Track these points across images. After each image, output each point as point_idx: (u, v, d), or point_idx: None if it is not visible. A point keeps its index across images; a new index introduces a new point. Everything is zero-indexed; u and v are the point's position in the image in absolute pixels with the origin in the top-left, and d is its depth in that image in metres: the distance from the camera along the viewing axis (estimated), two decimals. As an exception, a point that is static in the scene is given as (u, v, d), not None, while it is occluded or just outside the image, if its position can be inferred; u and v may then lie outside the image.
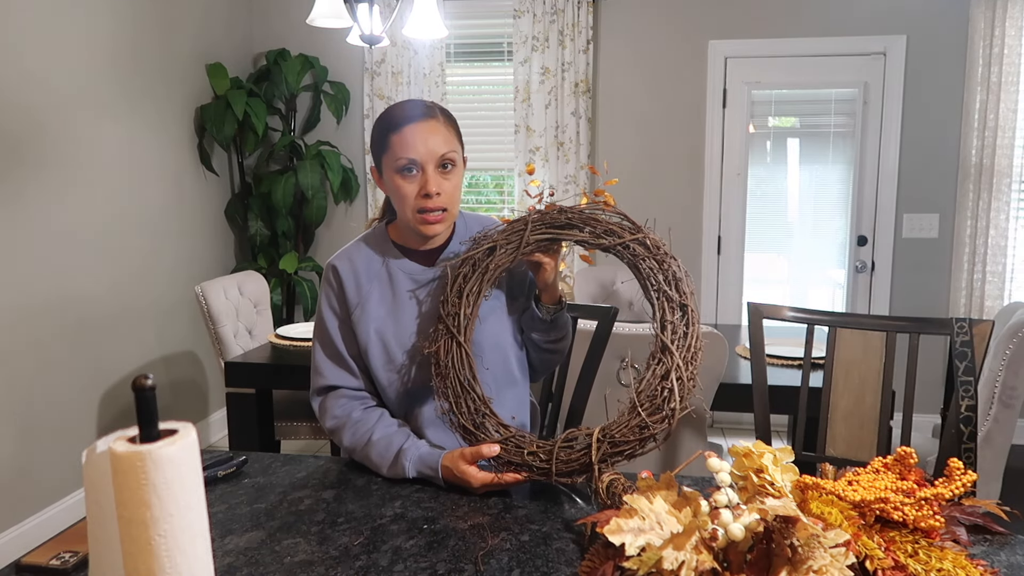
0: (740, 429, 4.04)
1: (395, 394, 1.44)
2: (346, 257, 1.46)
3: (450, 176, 1.37)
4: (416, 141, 1.34)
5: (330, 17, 2.64)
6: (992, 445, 2.17)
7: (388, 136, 1.36)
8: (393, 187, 1.37)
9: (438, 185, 1.35)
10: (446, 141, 1.36)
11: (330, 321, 1.45)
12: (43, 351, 2.79)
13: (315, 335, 1.48)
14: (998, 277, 3.67)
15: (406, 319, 1.43)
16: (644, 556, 0.85)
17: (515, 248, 1.34)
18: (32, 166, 2.73)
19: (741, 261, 3.99)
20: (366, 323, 1.42)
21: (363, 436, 1.36)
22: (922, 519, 0.94)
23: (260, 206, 3.98)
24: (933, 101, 3.72)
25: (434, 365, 1.33)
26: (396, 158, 1.35)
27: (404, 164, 1.34)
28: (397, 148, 1.35)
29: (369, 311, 1.43)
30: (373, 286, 1.44)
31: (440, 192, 1.35)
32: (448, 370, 1.31)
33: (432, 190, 1.34)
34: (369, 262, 1.45)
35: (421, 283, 1.44)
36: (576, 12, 3.82)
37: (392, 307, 1.43)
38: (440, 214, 1.37)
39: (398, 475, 1.29)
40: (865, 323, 1.77)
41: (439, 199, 1.35)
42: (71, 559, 0.99)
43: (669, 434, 1.14)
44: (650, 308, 1.22)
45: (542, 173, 3.96)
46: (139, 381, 0.64)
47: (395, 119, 1.36)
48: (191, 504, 0.66)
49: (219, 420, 3.97)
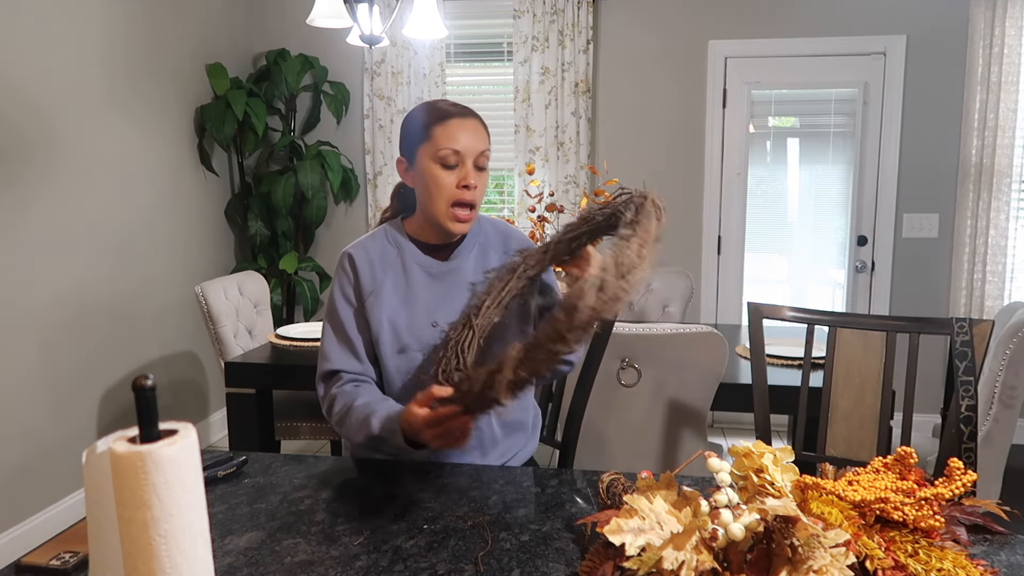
0: (740, 429, 4.04)
1: (403, 382, 1.47)
2: (362, 247, 1.51)
3: (482, 176, 1.44)
4: (461, 135, 1.40)
5: (330, 17, 2.64)
6: (992, 445, 2.17)
7: (431, 127, 1.41)
8: (430, 176, 1.42)
9: (474, 178, 1.41)
10: (485, 139, 1.44)
11: (342, 308, 1.48)
12: (43, 351, 2.79)
13: (326, 320, 1.51)
14: (998, 277, 3.67)
15: (418, 309, 1.46)
16: (644, 556, 0.85)
17: (543, 261, 1.39)
18: (32, 166, 2.73)
19: (741, 261, 3.99)
20: (379, 310, 1.46)
21: (347, 405, 1.40)
22: (922, 519, 0.94)
23: (260, 206, 3.98)
24: (933, 101, 3.72)
25: (442, 340, 1.37)
26: (439, 148, 1.40)
27: (448, 154, 1.39)
28: (441, 139, 1.40)
29: (382, 299, 1.46)
30: (387, 276, 1.48)
31: (476, 185, 1.42)
32: (451, 344, 1.34)
33: (472, 182, 1.40)
34: (384, 252, 1.50)
35: (435, 275, 1.48)
36: (576, 12, 3.82)
37: (405, 296, 1.47)
38: (470, 212, 1.43)
39: (369, 435, 1.33)
40: (865, 323, 1.77)
41: (474, 192, 1.42)
42: (71, 559, 0.99)
43: (580, 338, 1.02)
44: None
45: (542, 173, 3.96)
46: (139, 381, 0.65)
47: (440, 112, 1.42)
48: (191, 504, 0.66)
49: (219, 420, 3.97)
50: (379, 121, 4.08)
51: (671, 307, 3.26)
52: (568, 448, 1.72)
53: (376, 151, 4.12)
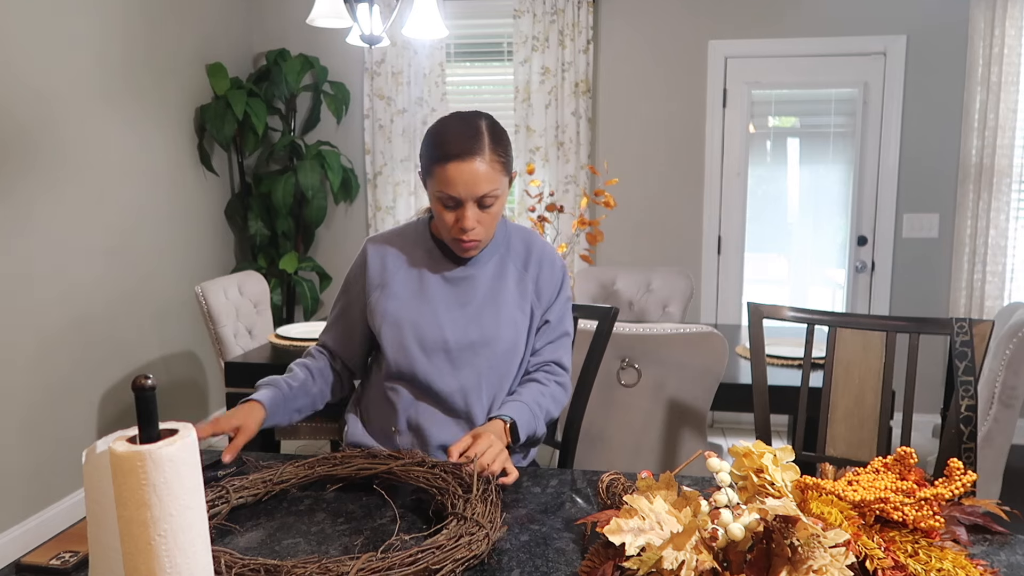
0: (740, 429, 4.04)
1: (403, 380, 1.48)
2: (383, 241, 1.54)
3: (489, 210, 1.41)
4: (458, 181, 1.36)
5: (330, 17, 2.64)
6: (992, 445, 2.17)
7: (433, 165, 1.38)
8: (434, 207, 1.43)
9: (476, 220, 1.39)
10: (489, 180, 1.38)
11: (345, 291, 1.56)
12: (43, 351, 2.79)
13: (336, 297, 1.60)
14: (998, 277, 3.67)
15: (426, 310, 1.47)
16: (644, 556, 0.85)
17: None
18: (32, 166, 2.73)
19: (741, 261, 3.99)
20: (383, 305, 1.48)
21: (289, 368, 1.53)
22: (922, 519, 0.94)
23: (260, 206, 3.98)
24: (933, 101, 3.72)
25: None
26: (438, 188, 1.38)
27: (445, 198, 1.38)
28: (439, 181, 1.37)
29: (389, 294, 1.49)
30: (399, 272, 1.50)
31: (476, 226, 1.40)
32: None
33: (468, 226, 1.39)
34: (402, 250, 1.52)
35: (449, 280, 1.49)
36: (576, 12, 3.82)
37: (416, 295, 1.48)
38: (473, 243, 1.42)
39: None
40: (865, 323, 1.77)
41: (473, 233, 1.40)
42: (71, 559, 0.99)
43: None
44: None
45: (542, 173, 3.96)
46: (139, 381, 0.65)
47: (443, 151, 1.37)
48: (191, 504, 0.66)
49: (219, 420, 3.97)
50: (379, 121, 4.08)
51: (671, 307, 3.26)
52: (568, 448, 1.72)
53: (376, 151, 4.12)
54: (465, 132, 1.37)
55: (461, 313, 1.47)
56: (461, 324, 1.46)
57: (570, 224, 3.69)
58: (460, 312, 1.47)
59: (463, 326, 1.46)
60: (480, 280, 1.49)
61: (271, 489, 1.20)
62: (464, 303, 1.48)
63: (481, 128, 1.38)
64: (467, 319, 1.47)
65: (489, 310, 1.47)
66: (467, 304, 1.48)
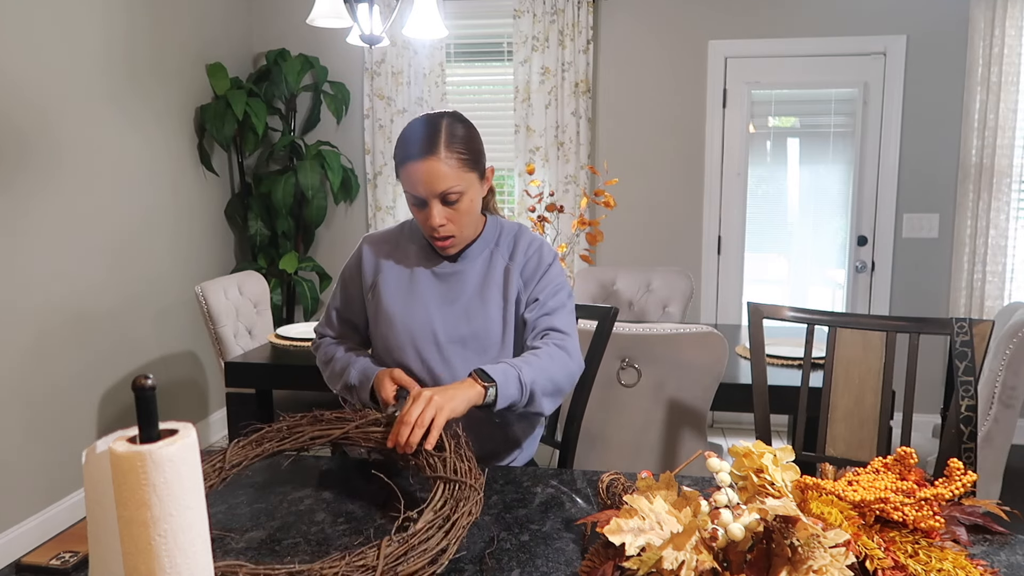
0: (740, 429, 4.04)
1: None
2: (378, 239, 1.58)
3: (457, 207, 1.41)
4: (416, 181, 1.39)
5: (330, 17, 2.64)
6: (992, 445, 2.17)
7: (398, 166, 1.43)
8: (409, 208, 1.49)
9: (444, 217, 1.41)
10: (446, 177, 1.38)
11: (340, 286, 1.62)
12: (43, 351, 2.79)
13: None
14: (998, 277, 3.67)
15: (417, 306, 1.50)
16: (644, 556, 0.85)
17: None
18: (32, 166, 2.73)
19: (741, 261, 3.99)
20: (376, 302, 1.53)
21: (329, 355, 1.58)
22: (922, 519, 0.94)
23: (260, 206, 3.98)
24: (933, 101, 3.72)
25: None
26: (404, 190, 1.43)
27: (410, 197, 1.42)
28: (404, 181, 1.42)
29: (381, 291, 1.52)
30: (391, 270, 1.53)
31: (445, 223, 1.41)
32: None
33: (435, 223, 1.41)
34: (396, 247, 1.56)
35: (439, 275, 1.52)
36: (576, 12, 3.82)
37: (408, 291, 1.51)
38: (448, 240, 1.45)
39: (346, 384, 1.50)
40: (865, 323, 1.77)
41: (444, 229, 1.42)
42: (71, 559, 0.99)
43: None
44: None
45: (542, 173, 3.96)
46: (139, 381, 0.65)
47: (404, 151, 1.41)
48: (191, 504, 0.66)
49: (219, 420, 3.97)
50: (379, 121, 4.08)
51: (671, 307, 3.26)
52: (568, 448, 1.72)
53: (376, 151, 4.12)
54: (423, 132, 1.39)
55: (451, 308, 1.49)
56: (451, 319, 1.48)
57: (570, 224, 3.69)
58: (450, 307, 1.49)
59: (452, 321, 1.48)
60: (469, 275, 1.51)
61: (225, 475, 1.13)
62: (453, 299, 1.49)
63: (439, 127, 1.39)
64: (456, 314, 1.48)
65: (477, 304, 1.48)
66: (456, 299, 1.49)
